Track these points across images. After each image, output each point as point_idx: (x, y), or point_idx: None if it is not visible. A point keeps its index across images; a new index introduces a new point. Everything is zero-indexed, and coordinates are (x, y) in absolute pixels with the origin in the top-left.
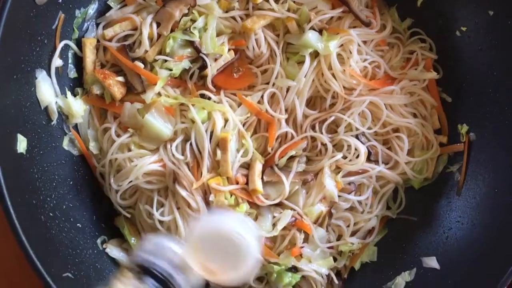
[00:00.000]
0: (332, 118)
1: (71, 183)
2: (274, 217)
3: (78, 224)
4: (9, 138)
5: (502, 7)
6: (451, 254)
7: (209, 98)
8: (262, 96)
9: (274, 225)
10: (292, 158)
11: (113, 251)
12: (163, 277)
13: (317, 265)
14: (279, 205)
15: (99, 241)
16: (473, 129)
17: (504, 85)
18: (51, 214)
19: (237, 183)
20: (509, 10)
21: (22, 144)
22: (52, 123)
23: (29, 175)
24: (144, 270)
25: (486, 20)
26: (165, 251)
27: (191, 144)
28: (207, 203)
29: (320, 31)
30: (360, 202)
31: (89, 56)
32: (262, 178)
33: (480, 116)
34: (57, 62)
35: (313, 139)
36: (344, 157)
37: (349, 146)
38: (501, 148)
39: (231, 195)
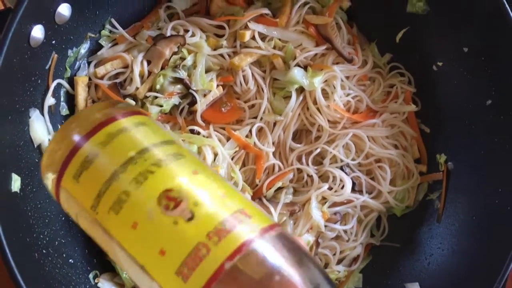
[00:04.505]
0: (318, 150)
1: (63, 219)
2: None
3: (70, 260)
4: (4, 178)
5: (476, 45)
6: (433, 280)
7: (198, 133)
8: (250, 130)
9: None
10: (279, 189)
11: (105, 285)
12: None
13: None
14: None
15: (91, 276)
16: (451, 159)
17: (479, 118)
18: (44, 251)
19: None
20: (482, 48)
21: (16, 183)
22: None
23: (23, 214)
24: None
25: (461, 56)
26: None
27: None
28: None
29: (305, 67)
30: (345, 231)
31: (81, 94)
32: None
33: (457, 147)
34: (50, 100)
35: (300, 171)
36: (330, 188)
37: (334, 177)
38: (477, 177)
39: None
